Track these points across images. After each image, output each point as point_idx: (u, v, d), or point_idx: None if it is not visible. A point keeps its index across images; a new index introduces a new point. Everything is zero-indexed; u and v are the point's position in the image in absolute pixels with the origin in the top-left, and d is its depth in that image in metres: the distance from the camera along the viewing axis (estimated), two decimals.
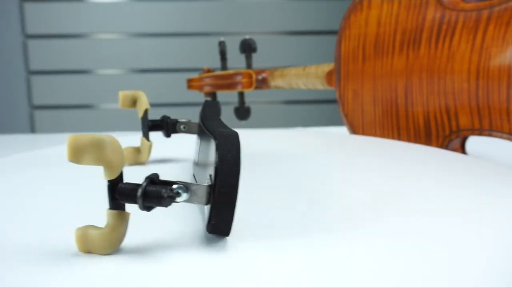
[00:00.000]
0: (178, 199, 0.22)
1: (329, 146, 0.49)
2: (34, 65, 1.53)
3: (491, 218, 0.26)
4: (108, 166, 0.21)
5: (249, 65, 0.71)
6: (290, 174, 0.37)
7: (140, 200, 0.21)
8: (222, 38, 0.74)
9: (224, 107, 0.69)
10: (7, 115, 1.55)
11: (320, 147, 0.48)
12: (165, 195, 0.21)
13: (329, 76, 0.60)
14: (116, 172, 0.22)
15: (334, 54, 0.59)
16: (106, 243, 0.22)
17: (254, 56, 0.71)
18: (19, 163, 0.42)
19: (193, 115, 0.42)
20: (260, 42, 0.79)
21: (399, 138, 0.54)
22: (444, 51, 0.49)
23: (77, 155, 0.21)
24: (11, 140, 0.88)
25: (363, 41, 0.56)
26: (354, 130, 0.58)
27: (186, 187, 0.22)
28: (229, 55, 0.75)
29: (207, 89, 0.77)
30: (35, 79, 1.54)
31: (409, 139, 0.53)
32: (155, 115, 0.41)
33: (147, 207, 0.22)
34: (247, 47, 0.70)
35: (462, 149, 0.52)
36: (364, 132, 0.57)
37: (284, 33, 1.56)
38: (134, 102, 0.40)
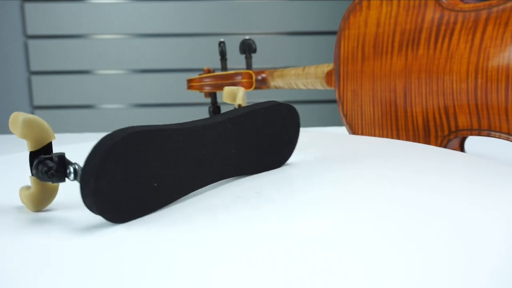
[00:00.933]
0: (71, 178, 0.26)
1: (328, 146, 0.49)
2: (35, 66, 1.53)
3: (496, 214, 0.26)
4: (28, 140, 0.27)
5: (249, 66, 0.71)
6: (287, 174, 0.37)
7: (34, 171, 0.27)
8: (222, 39, 0.75)
9: (224, 107, 0.69)
10: (8, 115, 1.54)
11: (319, 147, 0.48)
12: (43, 170, 0.26)
13: (328, 76, 0.61)
14: (35, 146, 0.27)
15: (334, 54, 0.59)
16: (29, 202, 0.28)
17: (254, 57, 0.71)
18: (19, 163, 0.42)
19: (193, 115, 0.42)
20: (260, 42, 0.79)
21: (398, 138, 0.54)
22: (443, 52, 0.49)
23: (12, 127, 0.27)
24: (11, 140, 0.88)
25: (362, 42, 0.56)
26: (353, 130, 0.59)
27: (76, 170, 0.26)
28: (229, 55, 0.75)
29: (207, 89, 0.77)
30: (36, 79, 1.54)
31: (407, 139, 0.53)
32: (155, 115, 0.41)
33: (42, 178, 0.26)
34: (247, 48, 0.70)
35: (461, 149, 0.52)
36: (363, 132, 0.58)
37: (284, 33, 1.56)
38: (234, 97, 0.41)
